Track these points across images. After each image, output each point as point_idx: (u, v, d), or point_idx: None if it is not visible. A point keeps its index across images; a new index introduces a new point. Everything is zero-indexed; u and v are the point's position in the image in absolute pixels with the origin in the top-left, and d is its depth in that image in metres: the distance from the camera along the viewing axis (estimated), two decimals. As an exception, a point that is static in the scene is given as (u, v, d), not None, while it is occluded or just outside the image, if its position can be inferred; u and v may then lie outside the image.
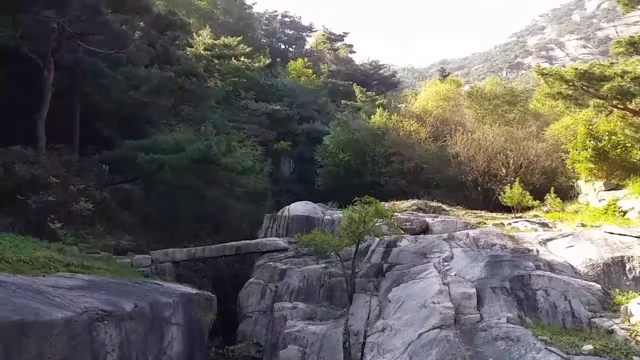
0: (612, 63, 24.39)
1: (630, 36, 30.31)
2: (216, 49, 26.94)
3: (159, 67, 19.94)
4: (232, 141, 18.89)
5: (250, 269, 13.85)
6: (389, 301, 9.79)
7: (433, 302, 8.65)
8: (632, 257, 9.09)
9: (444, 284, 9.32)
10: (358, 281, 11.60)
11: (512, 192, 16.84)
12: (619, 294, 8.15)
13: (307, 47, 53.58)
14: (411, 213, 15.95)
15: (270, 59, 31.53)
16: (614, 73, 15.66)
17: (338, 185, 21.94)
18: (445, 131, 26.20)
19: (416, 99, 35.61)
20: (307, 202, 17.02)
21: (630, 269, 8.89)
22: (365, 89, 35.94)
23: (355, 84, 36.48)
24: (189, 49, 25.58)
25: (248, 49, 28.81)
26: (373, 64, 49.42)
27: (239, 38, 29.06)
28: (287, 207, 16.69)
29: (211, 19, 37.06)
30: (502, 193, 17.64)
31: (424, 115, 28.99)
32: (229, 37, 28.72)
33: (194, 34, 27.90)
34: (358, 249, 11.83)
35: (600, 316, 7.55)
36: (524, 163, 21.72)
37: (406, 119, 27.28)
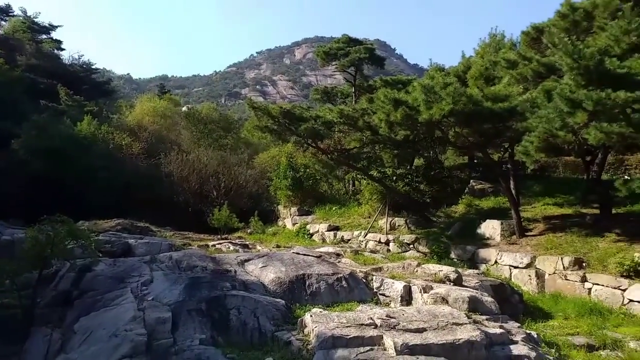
0: (309, 107, 28.53)
1: (325, 86, 36.32)
2: None
3: None
4: None
5: None
6: (75, 332, 8.64)
7: (125, 330, 8.04)
8: (311, 274, 10.50)
9: (139, 309, 8.78)
10: (39, 312, 9.87)
11: (220, 215, 17.57)
12: (299, 308, 9.21)
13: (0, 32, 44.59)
14: (114, 234, 14.78)
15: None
16: (310, 116, 18.20)
17: (27, 200, 18.60)
18: (160, 149, 25.78)
19: (131, 111, 34.00)
20: (-21, 218, 13.81)
21: (309, 285, 10.22)
22: (72, 92, 31.95)
23: (60, 84, 32.11)
24: None
25: None
26: (85, 66, 44.41)
27: None
28: (-53, 224, 13.18)
29: None
30: (211, 215, 18.22)
31: (139, 130, 27.96)
32: None
33: None
34: (42, 275, 10.14)
35: (282, 330, 8.35)
36: (234, 187, 23.13)
37: (118, 132, 25.65)
